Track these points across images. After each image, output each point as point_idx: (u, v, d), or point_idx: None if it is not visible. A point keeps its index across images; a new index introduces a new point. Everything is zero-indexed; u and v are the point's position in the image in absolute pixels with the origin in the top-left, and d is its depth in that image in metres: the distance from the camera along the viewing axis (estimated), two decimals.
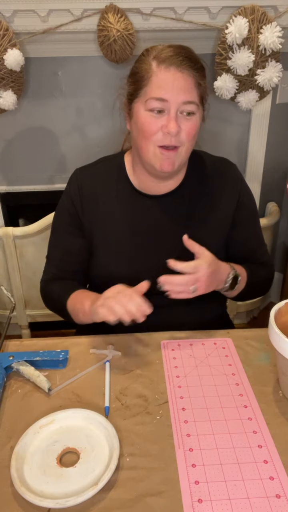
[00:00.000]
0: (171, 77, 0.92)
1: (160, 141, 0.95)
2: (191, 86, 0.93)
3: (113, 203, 1.08)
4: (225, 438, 0.77)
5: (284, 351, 0.77)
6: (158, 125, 0.94)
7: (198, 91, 0.95)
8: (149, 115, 0.95)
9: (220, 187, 1.09)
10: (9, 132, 1.82)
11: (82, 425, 0.79)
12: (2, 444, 0.77)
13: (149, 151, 0.97)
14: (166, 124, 0.93)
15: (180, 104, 0.93)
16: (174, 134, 0.93)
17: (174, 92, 0.92)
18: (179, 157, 0.98)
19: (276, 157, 1.96)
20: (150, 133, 0.95)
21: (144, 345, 1.00)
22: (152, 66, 0.94)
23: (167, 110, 0.93)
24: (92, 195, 1.08)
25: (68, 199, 1.09)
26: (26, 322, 1.95)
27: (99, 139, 1.85)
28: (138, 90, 0.96)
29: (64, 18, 1.57)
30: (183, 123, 0.95)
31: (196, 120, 0.96)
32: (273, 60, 1.61)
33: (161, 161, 0.97)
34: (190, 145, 0.98)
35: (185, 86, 0.92)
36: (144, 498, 0.68)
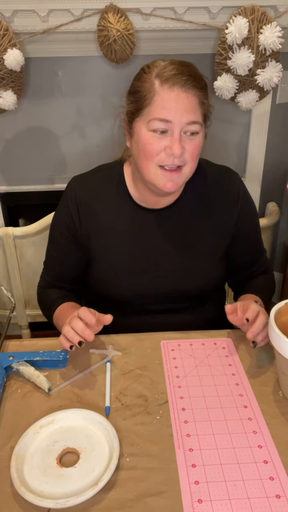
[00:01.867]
0: (175, 97, 0.89)
1: (162, 161, 0.93)
2: (195, 106, 0.91)
3: (112, 216, 1.06)
4: (225, 438, 0.77)
5: (284, 351, 0.77)
6: (161, 146, 0.92)
7: (201, 110, 0.93)
8: (151, 135, 0.92)
9: (219, 200, 1.07)
10: (9, 132, 1.82)
11: (82, 425, 0.79)
12: (2, 444, 0.77)
13: (150, 172, 0.95)
14: (170, 146, 0.91)
15: (184, 124, 0.90)
16: (178, 156, 0.91)
17: (178, 113, 0.89)
18: (183, 177, 0.96)
19: (276, 157, 1.96)
20: (152, 154, 0.93)
21: (144, 345, 1.00)
22: (155, 85, 0.91)
23: (170, 131, 0.91)
24: (90, 207, 1.06)
25: (65, 212, 1.07)
26: (26, 322, 1.95)
27: (99, 139, 1.85)
28: (140, 109, 0.93)
29: (64, 18, 1.57)
30: (187, 143, 0.92)
31: (199, 140, 0.94)
32: (273, 60, 1.61)
33: (164, 181, 0.95)
34: (193, 164, 0.96)
35: (189, 107, 0.90)
36: (144, 498, 0.68)
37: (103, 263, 1.08)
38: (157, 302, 1.09)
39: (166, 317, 1.09)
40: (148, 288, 1.07)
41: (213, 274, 1.10)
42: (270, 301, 1.19)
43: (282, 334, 0.77)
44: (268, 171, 1.98)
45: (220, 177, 1.09)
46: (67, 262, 1.11)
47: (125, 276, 1.06)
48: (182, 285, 1.07)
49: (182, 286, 1.07)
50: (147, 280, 1.06)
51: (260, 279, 1.18)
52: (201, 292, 1.10)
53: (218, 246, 1.09)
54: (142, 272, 1.06)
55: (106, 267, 1.07)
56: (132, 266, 1.06)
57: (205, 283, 1.09)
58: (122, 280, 1.06)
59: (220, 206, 1.07)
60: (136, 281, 1.06)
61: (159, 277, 1.06)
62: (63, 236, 1.09)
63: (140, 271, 1.06)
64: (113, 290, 1.07)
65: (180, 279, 1.06)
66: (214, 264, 1.09)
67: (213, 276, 1.10)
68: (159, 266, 1.06)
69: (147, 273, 1.06)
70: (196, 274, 1.07)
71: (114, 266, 1.06)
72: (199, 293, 1.10)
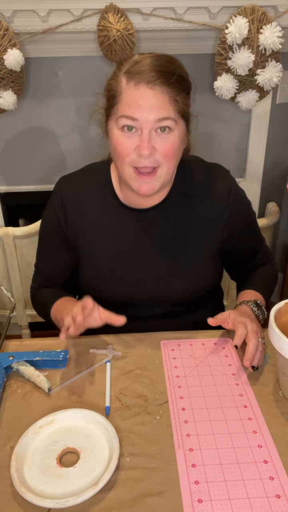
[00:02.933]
0: (140, 95, 0.86)
1: (134, 162, 0.90)
2: (164, 103, 0.87)
3: (98, 217, 1.05)
4: (225, 438, 0.77)
5: (284, 351, 0.77)
6: (131, 146, 0.89)
7: (174, 107, 0.88)
8: (121, 135, 0.90)
9: (207, 199, 1.04)
10: (9, 132, 1.82)
11: (82, 425, 0.79)
12: (2, 444, 0.77)
13: (124, 172, 0.93)
14: (139, 145, 0.88)
15: (153, 122, 0.87)
16: (147, 156, 0.88)
17: (145, 111, 0.86)
18: (159, 179, 0.93)
19: (276, 157, 1.96)
20: (123, 155, 0.91)
21: (144, 345, 1.00)
22: (122, 83, 0.88)
23: (139, 129, 0.88)
24: (76, 208, 1.05)
25: (52, 213, 1.06)
26: (26, 322, 1.95)
27: (99, 139, 1.83)
28: (111, 108, 0.91)
29: (64, 18, 1.57)
30: (159, 142, 0.89)
31: (174, 138, 0.90)
32: (273, 60, 1.61)
33: (138, 184, 0.93)
34: (171, 164, 0.93)
35: (157, 104, 0.86)
36: (144, 498, 0.68)
37: (89, 264, 1.07)
38: (148, 307, 1.07)
39: (160, 322, 1.08)
40: (136, 291, 1.05)
41: (203, 277, 1.07)
42: (273, 291, 1.18)
43: (282, 334, 0.77)
44: (268, 171, 1.98)
45: (208, 176, 1.06)
46: (57, 263, 1.10)
47: (111, 278, 1.05)
48: (170, 289, 1.05)
49: (170, 290, 1.05)
50: (133, 283, 1.04)
51: (261, 271, 1.16)
52: (191, 297, 1.07)
53: (208, 248, 1.06)
54: (128, 275, 1.04)
55: (92, 268, 1.06)
56: (118, 268, 1.05)
57: (194, 287, 1.06)
58: (109, 282, 1.05)
59: (208, 206, 1.04)
60: (122, 283, 1.05)
61: (145, 280, 1.04)
62: (52, 237, 1.09)
63: (126, 273, 1.05)
64: (103, 293, 1.04)
65: (167, 282, 1.04)
66: (203, 267, 1.06)
67: (202, 279, 1.07)
68: (145, 269, 1.04)
69: (133, 276, 1.04)
70: (183, 277, 1.05)
71: (100, 268, 1.05)
72: (190, 298, 1.07)
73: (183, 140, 0.95)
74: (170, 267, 1.05)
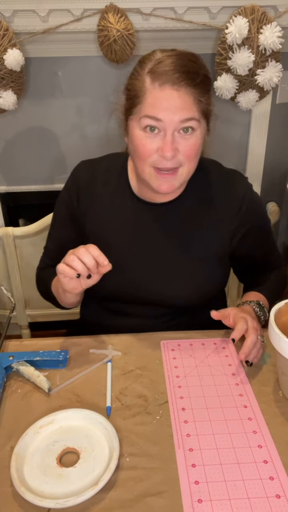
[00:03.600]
0: (166, 96, 0.86)
1: (156, 163, 0.90)
2: (189, 104, 0.87)
3: (109, 203, 1.05)
4: (225, 438, 0.77)
5: (284, 351, 0.77)
6: (154, 147, 0.89)
7: (198, 107, 0.88)
8: (144, 135, 0.89)
9: (221, 204, 1.03)
10: (9, 132, 1.82)
11: (82, 425, 0.79)
12: (2, 444, 0.77)
13: (144, 171, 0.93)
14: (162, 147, 0.88)
15: (177, 123, 0.87)
16: (170, 158, 0.88)
17: (170, 112, 0.86)
18: (179, 178, 0.93)
19: (276, 157, 1.96)
20: (145, 155, 0.90)
21: (144, 345, 0.99)
22: (146, 83, 0.87)
23: (162, 130, 0.88)
24: (89, 192, 1.06)
25: (66, 192, 1.09)
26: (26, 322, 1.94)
27: (99, 139, 1.85)
28: (133, 107, 0.91)
29: (64, 18, 1.57)
30: (181, 143, 0.89)
31: (196, 138, 0.90)
32: (273, 60, 1.61)
33: (158, 182, 0.93)
34: (192, 164, 0.93)
35: (181, 105, 0.86)
36: (144, 498, 0.68)
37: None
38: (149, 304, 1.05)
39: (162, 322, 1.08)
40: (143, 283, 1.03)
41: (208, 280, 1.05)
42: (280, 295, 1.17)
43: (282, 334, 0.77)
44: (268, 171, 1.98)
45: (225, 181, 1.05)
46: (66, 244, 1.05)
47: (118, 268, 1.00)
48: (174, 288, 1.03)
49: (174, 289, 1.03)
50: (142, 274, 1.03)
51: (270, 276, 1.15)
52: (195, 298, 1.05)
53: (216, 252, 1.05)
54: (137, 265, 1.03)
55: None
56: (126, 258, 1.03)
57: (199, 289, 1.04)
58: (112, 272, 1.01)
59: (221, 211, 1.03)
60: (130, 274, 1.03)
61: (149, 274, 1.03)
62: (63, 215, 1.10)
63: (135, 263, 1.04)
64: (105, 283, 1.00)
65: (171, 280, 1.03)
66: (209, 270, 1.05)
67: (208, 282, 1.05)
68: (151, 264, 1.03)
69: (142, 267, 1.03)
70: (188, 277, 1.03)
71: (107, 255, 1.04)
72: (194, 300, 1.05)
73: (204, 139, 0.95)
74: (175, 265, 1.04)
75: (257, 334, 0.93)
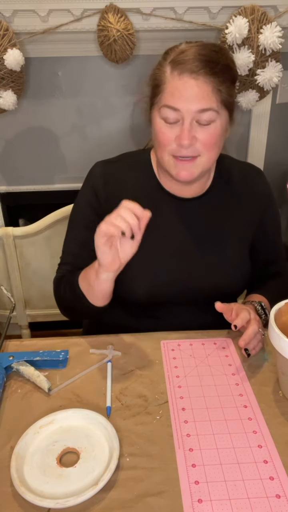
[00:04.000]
0: (183, 85, 0.87)
1: (174, 151, 0.92)
2: (207, 93, 0.87)
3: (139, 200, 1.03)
4: (225, 438, 0.77)
5: (284, 351, 0.77)
6: (172, 136, 0.90)
7: (217, 97, 0.89)
8: (163, 124, 0.91)
9: (246, 196, 1.06)
10: (9, 132, 1.82)
11: (82, 425, 0.79)
12: (2, 444, 0.77)
13: (164, 159, 0.95)
14: (179, 135, 0.89)
15: (194, 113, 0.88)
16: (187, 146, 0.89)
17: (187, 101, 0.87)
18: (198, 166, 0.94)
19: (276, 157, 1.96)
20: (164, 143, 0.92)
21: (144, 345, 1.00)
22: (167, 72, 0.90)
23: (181, 119, 0.89)
24: (117, 191, 1.03)
25: (91, 191, 1.05)
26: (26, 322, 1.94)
27: (99, 139, 1.85)
28: (155, 96, 0.93)
29: (64, 18, 1.57)
30: (199, 132, 0.90)
31: (215, 128, 0.91)
32: (273, 60, 1.61)
33: (177, 170, 0.94)
34: (212, 154, 0.93)
35: (199, 94, 0.87)
36: (144, 498, 0.68)
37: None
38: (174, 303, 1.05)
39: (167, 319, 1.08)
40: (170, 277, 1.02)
41: (238, 273, 1.07)
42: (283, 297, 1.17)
43: (282, 334, 0.77)
44: (268, 171, 1.96)
45: (246, 173, 1.08)
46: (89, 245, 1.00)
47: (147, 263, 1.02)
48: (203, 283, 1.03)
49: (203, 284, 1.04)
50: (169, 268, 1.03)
51: (273, 282, 1.16)
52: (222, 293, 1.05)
53: (244, 245, 1.08)
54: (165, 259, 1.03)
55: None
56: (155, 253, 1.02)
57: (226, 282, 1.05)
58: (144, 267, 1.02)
59: (246, 203, 1.06)
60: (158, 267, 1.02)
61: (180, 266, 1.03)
62: (86, 217, 1.05)
63: (163, 257, 1.03)
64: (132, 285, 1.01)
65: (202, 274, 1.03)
66: (239, 263, 1.07)
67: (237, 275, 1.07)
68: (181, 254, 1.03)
69: (169, 260, 1.03)
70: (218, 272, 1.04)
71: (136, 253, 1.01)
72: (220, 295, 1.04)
73: (226, 129, 0.95)
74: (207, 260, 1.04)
75: (259, 326, 0.93)
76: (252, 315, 0.94)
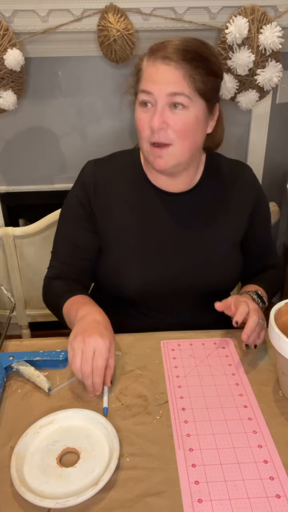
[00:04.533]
0: (156, 71, 0.90)
1: (149, 137, 0.93)
2: (178, 78, 0.89)
3: (126, 194, 1.05)
4: (225, 438, 0.77)
5: (284, 351, 0.77)
6: (148, 121, 0.92)
7: (190, 84, 0.89)
8: (140, 110, 0.94)
9: (235, 191, 1.07)
10: (9, 132, 1.82)
11: (82, 425, 0.79)
12: (2, 444, 0.77)
13: (143, 148, 0.97)
14: (151, 118, 0.91)
15: (166, 96, 0.89)
16: (156, 128, 0.90)
17: (159, 84, 0.89)
18: (172, 156, 0.94)
19: (276, 157, 1.96)
20: (140, 129, 0.94)
21: (144, 345, 0.99)
22: (144, 61, 0.94)
23: (155, 103, 0.91)
24: (107, 187, 1.05)
25: (81, 190, 1.06)
26: (26, 322, 1.94)
27: (99, 139, 1.85)
28: (135, 86, 0.96)
29: (64, 18, 1.57)
30: (171, 118, 0.91)
31: (188, 115, 0.91)
32: (273, 60, 1.61)
33: (153, 157, 0.95)
34: (186, 143, 0.93)
35: (171, 78, 0.89)
36: (144, 498, 0.68)
37: (114, 246, 1.05)
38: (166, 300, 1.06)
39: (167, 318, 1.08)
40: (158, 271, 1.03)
41: (228, 268, 1.08)
42: (276, 293, 1.18)
43: (282, 334, 0.77)
44: (268, 171, 1.98)
45: (235, 169, 1.10)
46: (79, 244, 1.06)
47: (135, 262, 1.03)
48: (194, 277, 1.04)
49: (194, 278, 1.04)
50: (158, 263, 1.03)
51: (267, 272, 1.17)
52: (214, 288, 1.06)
53: (234, 239, 1.09)
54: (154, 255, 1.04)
55: (116, 251, 1.04)
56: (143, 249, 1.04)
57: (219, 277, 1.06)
58: (132, 267, 1.03)
59: (235, 198, 1.07)
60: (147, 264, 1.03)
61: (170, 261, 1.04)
62: (77, 214, 1.06)
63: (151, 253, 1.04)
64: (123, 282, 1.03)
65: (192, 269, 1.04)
66: (230, 257, 1.08)
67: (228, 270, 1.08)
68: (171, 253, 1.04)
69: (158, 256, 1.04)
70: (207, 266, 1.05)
71: (125, 249, 1.04)
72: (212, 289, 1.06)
73: (202, 121, 0.95)
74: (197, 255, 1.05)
75: (259, 316, 0.93)
76: (250, 306, 0.94)
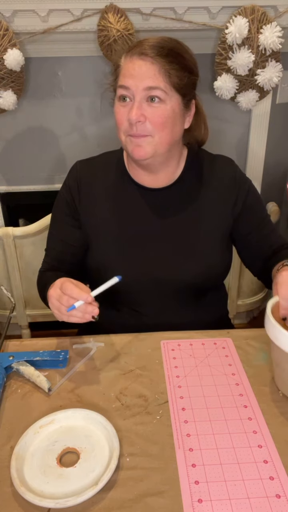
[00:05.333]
0: (133, 66, 0.93)
1: (127, 130, 0.96)
2: (154, 73, 0.92)
3: (109, 192, 1.08)
4: (225, 438, 0.77)
5: (279, 341, 0.77)
6: (126, 115, 0.95)
7: (165, 78, 0.92)
8: (119, 105, 0.96)
9: (216, 182, 1.08)
10: (9, 132, 1.82)
11: (82, 425, 0.79)
12: (2, 444, 0.77)
13: (122, 140, 0.99)
14: (129, 112, 0.94)
15: (142, 90, 0.92)
16: (134, 121, 0.93)
17: (136, 79, 0.92)
18: (150, 145, 0.96)
19: (276, 157, 1.96)
20: (119, 123, 0.96)
21: (144, 345, 1.00)
22: (122, 58, 0.96)
23: (132, 98, 0.94)
24: (90, 185, 1.08)
25: (66, 189, 1.10)
26: (26, 322, 1.95)
27: (99, 139, 1.85)
28: (114, 83, 0.99)
29: (64, 18, 1.57)
30: (148, 111, 0.93)
31: (165, 109, 0.94)
32: (273, 60, 1.61)
33: (132, 146, 0.97)
34: (164, 134, 0.96)
35: (146, 73, 0.92)
36: (144, 498, 0.68)
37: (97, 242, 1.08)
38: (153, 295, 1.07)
39: (168, 318, 1.08)
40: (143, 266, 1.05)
41: (212, 263, 1.07)
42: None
43: (277, 323, 0.77)
44: (268, 171, 1.98)
45: (215, 163, 1.11)
46: (67, 241, 1.10)
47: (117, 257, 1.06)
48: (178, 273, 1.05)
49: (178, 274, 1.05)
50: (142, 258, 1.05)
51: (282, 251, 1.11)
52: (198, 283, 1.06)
53: (218, 232, 1.08)
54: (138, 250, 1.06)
55: (99, 247, 1.07)
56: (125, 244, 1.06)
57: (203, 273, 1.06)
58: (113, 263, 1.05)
59: (217, 190, 1.08)
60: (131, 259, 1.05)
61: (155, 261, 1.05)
62: (63, 213, 1.11)
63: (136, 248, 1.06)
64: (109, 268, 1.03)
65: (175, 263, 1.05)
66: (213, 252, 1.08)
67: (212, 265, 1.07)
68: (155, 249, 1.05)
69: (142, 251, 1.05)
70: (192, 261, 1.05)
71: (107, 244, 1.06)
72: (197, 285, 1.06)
73: (178, 115, 0.97)
74: (179, 249, 1.06)
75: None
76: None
